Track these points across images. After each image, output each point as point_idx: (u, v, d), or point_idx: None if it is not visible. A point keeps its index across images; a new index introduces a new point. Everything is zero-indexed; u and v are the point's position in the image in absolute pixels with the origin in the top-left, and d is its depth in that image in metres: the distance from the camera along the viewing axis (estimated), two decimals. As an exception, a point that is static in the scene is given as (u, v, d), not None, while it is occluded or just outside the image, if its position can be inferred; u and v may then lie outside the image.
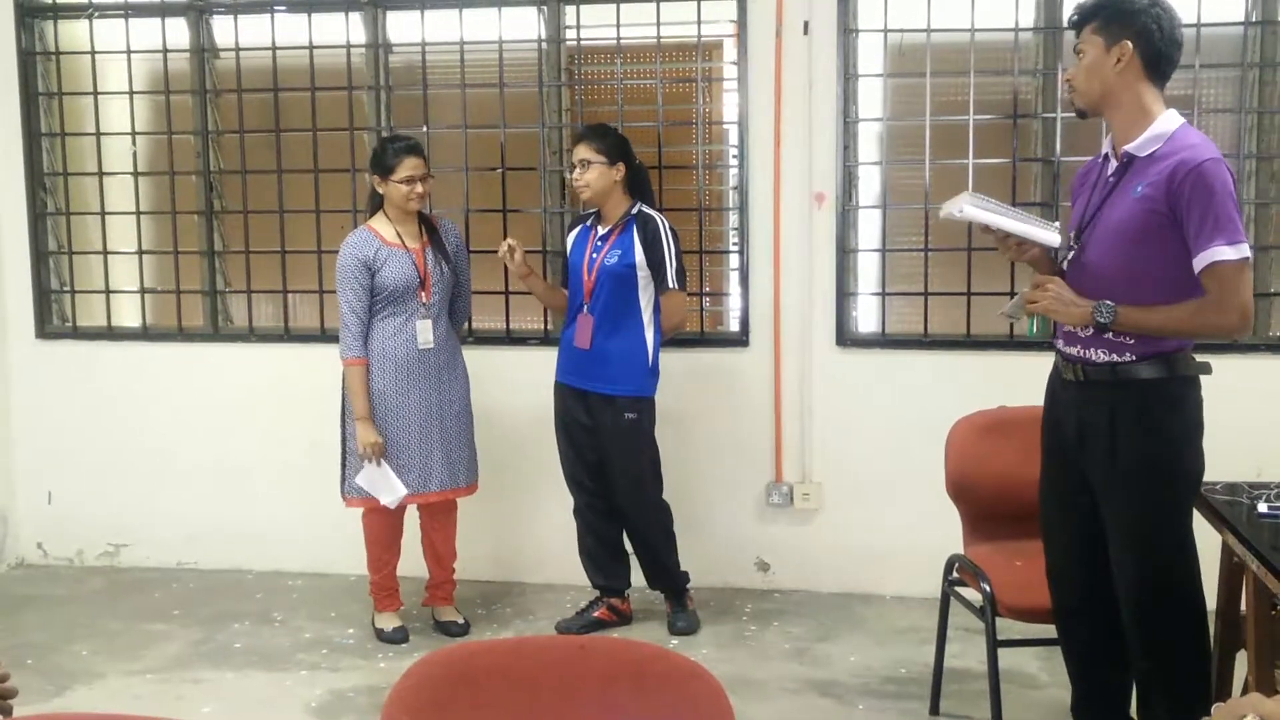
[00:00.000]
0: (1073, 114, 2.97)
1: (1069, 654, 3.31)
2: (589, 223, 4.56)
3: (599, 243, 4.47)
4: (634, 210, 4.46)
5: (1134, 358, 2.94)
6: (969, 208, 3.00)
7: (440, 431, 4.47)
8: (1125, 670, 3.21)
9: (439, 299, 4.47)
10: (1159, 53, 2.93)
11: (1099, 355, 2.98)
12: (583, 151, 4.43)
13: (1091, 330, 2.97)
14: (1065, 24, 3.01)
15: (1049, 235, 3.02)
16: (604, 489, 4.58)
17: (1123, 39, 2.90)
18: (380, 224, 4.45)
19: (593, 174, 4.41)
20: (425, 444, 4.44)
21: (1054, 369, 3.19)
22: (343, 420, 4.49)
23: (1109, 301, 2.90)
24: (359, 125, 5.17)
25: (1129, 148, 2.95)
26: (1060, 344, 3.10)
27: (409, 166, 4.37)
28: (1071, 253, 3.04)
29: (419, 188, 4.39)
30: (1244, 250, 2.83)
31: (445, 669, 2.07)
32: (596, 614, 4.65)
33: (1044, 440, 3.24)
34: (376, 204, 4.50)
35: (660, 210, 4.60)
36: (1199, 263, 2.84)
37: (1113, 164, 3.03)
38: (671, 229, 4.46)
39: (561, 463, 4.64)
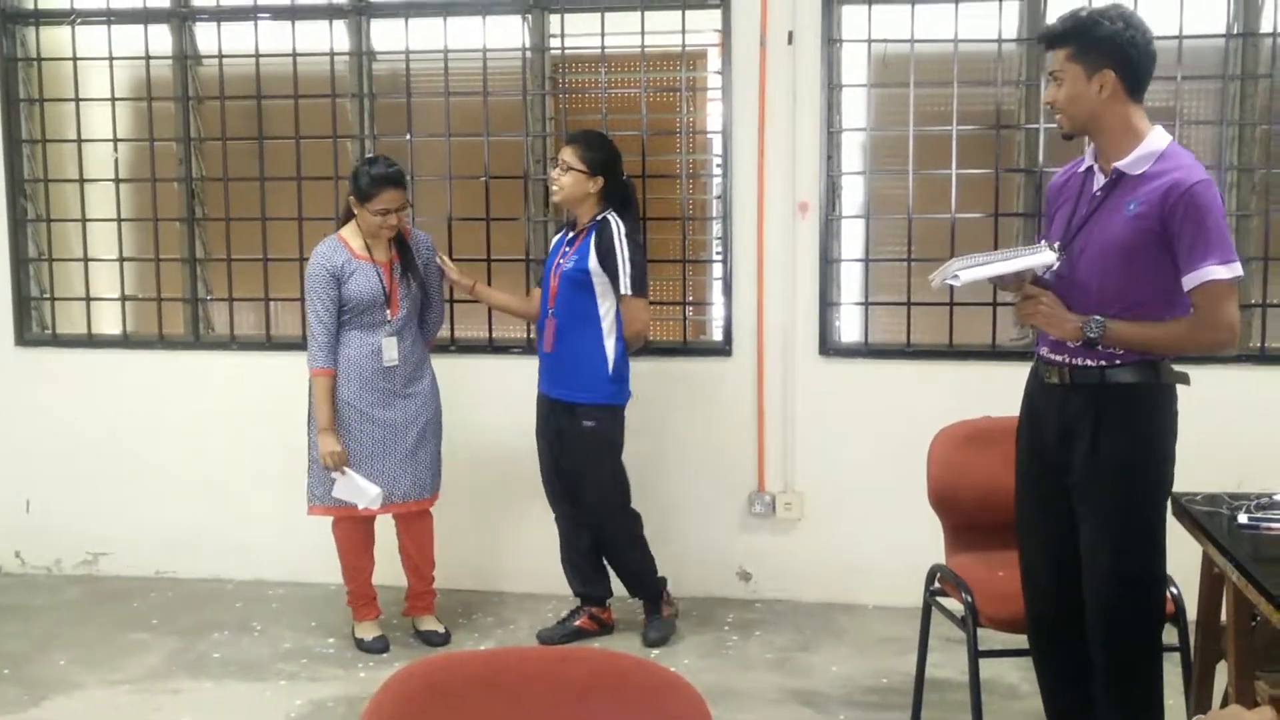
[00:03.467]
0: (1055, 125, 2.99)
1: (1042, 669, 3.31)
2: (567, 229, 4.55)
3: (566, 248, 4.47)
4: (599, 216, 4.43)
5: (1121, 363, 2.98)
6: (963, 274, 2.98)
7: (404, 445, 4.44)
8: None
9: (405, 314, 4.45)
10: (1139, 73, 2.97)
11: (1088, 361, 3.01)
12: (566, 154, 4.41)
13: (1080, 339, 2.99)
14: (1037, 39, 3.02)
15: (1043, 257, 3.01)
16: (575, 500, 4.57)
17: (1103, 68, 2.93)
18: (350, 234, 4.42)
19: (568, 179, 4.40)
20: (388, 457, 4.42)
21: (1033, 373, 3.21)
22: (309, 428, 4.48)
23: (1098, 317, 2.93)
24: (342, 133, 5.16)
25: (1120, 164, 2.97)
26: (1044, 350, 3.11)
27: (385, 200, 4.31)
28: (1057, 265, 3.04)
29: (392, 219, 4.35)
30: (1236, 269, 2.89)
31: (424, 680, 2.06)
32: (578, 623, 4.63)
33: (1020, 444, 3.25)
34: (349, 213, 4.47)
35: (641, 221, 4.57)
36: (1191, 281, 2.89)
37: (1099, 179, 3.04)
38: (628, 235, 4.38)
39: (540, 471, 4.63)
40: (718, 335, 5.07)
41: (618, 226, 4.39)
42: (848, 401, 4.91)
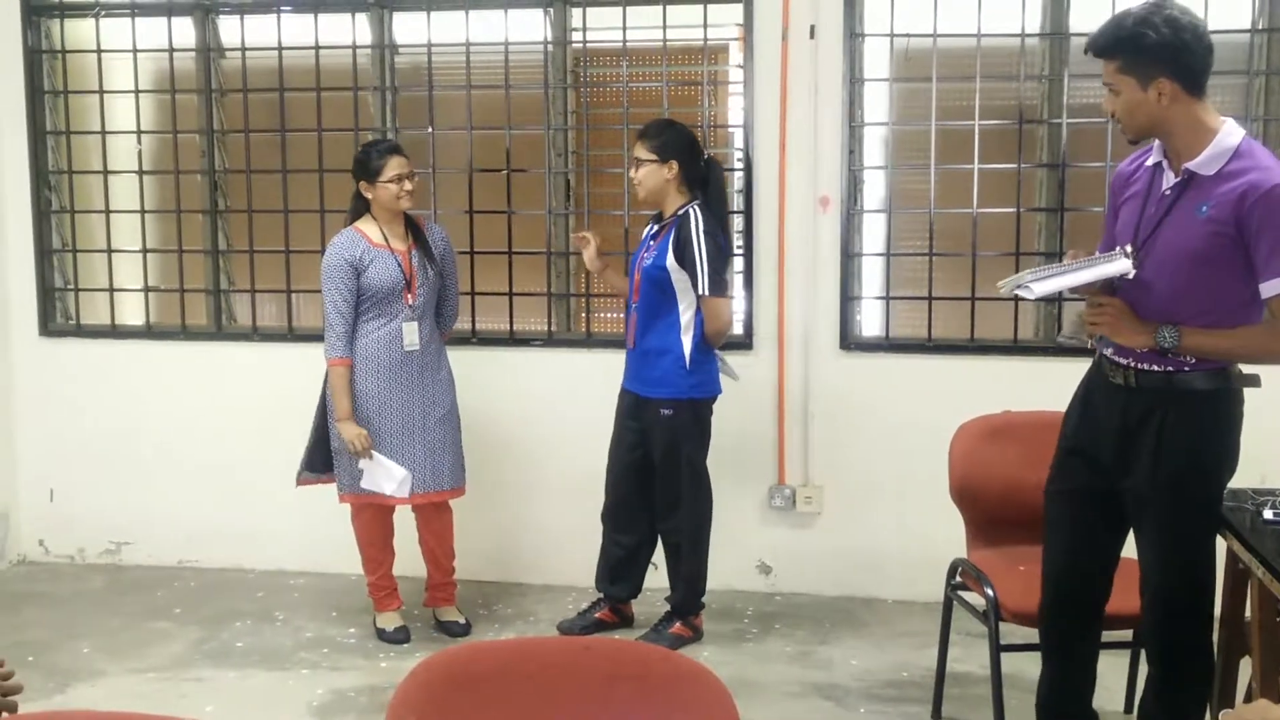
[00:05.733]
0: (1079, 120, 2.95)
1: (1050, 661, 3.30)
2: (654, 222, 4.50)
3: (650, 242, 4.41)
4: (681, 210, 4.36)
5: (1190, 370, 2.91)
6: (1036, 285, 2.89)
7: (422, 434, 4.45)
8: (1093, 674, 3.29)
9: (424, 300, 4.46)
10: (1197, 72, 2.85)
11: (1154, 366, 2.93)
12: (637, 150, 4.38)
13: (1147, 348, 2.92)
14: (1075, 34, 2.93)
15: (1118, 266, 2.89)
16: (643, 499, 4.51)
17: (1157, 77, 2.81)
18: (367, 226, 4.44)
19: (643, 172, 4.34)
20: (407, 446, 4.42)
21: (1095, 369, 3.12)
22: (319, 412, 4.49)
23: (1171, 326, 2.85)
24: (364, 126, 5.17)
25: (1191, 165, 2.85)
26: (1109, 351, 3.03)
27: (395, 166, 4.37)
28: (1132, 274, 2.93)
29: (407, 185, 4.39)
30: None
31: (450, 669, 2.07)
32: (599, 615, 4.63)
33: (1065, 435, 3.18)
34: (359, 209, 4.48)
35: (729, 211, 4.42)
36: (1271, 288, 2.79)
37: (1170, 177, 2.92)
38: (707, 232, 4.27)
39: (608, 467, 4.57)
40: (739, 329, 5.04)
41: (697, 223, 4.28)
42: (868, 396, 4.91)
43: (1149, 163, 3.01)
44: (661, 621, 4.56)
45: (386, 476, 4.37)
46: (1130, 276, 2.91)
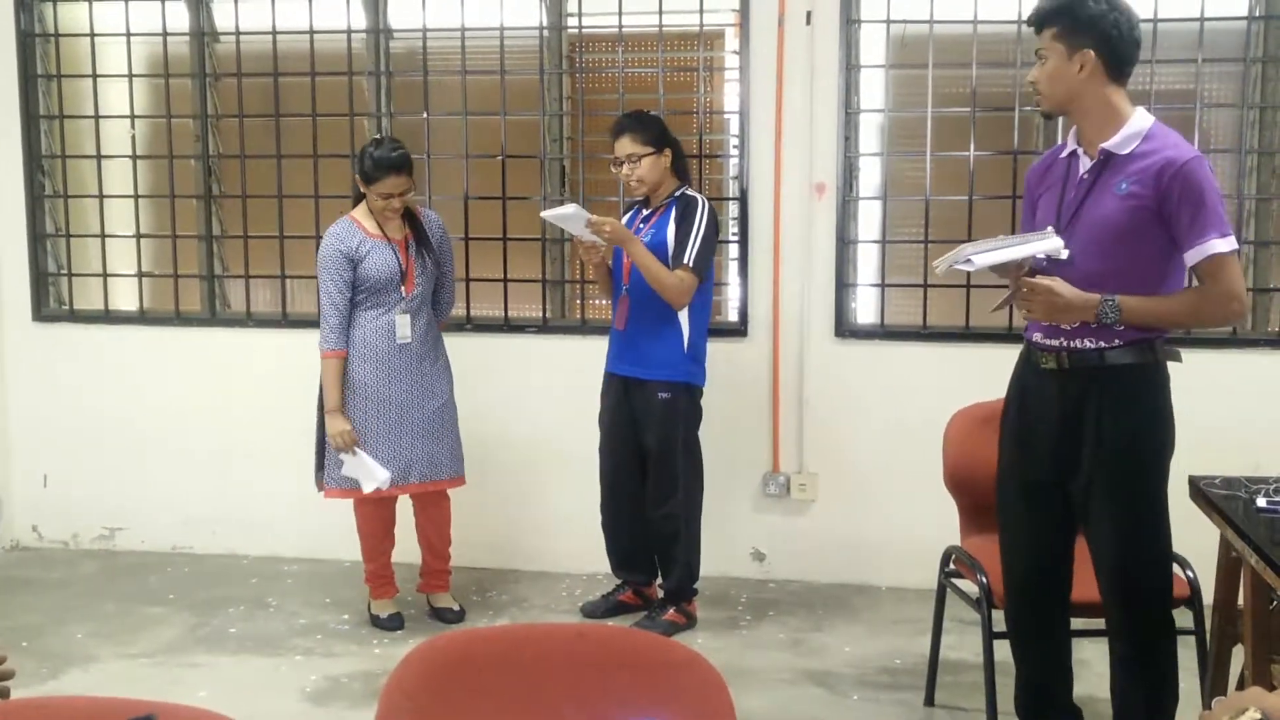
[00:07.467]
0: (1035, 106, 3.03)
1: (1021, 656, 3.32)
2: (639, 206, 4.49)
3: (641, 224, 4.39)
4: (678, 191, 4.37)
5: (1121, 343, 2.97)
6: (977, 258, 2.93)
7: (420, 424, 4.43)
8: (1068, 667, 3.30)
9: (420, 292, 4.44)
10: (1121, 56, 2.97)
11: (1086, 343, 2.99)
12: (629, 146, 4.31)
13: (1079, 321, 2.97)
14: (1026, 23, 3.03)
15: (1053, 242, 2.97)
16: (643, 487, 4.48)
17: (1084, 47, 2.95)
18: (363, 215, 4.41)
19: (645, 168, 4.31)
20: (404, 436, 4.41)
21: (1023, 361, 3.19)
22: (320, 410, 4.47)
23: (1112, 298, 2.91)
24: (359, 111, 5.16)
25: (1107, 145, 2.97)
26: (1038, 335, 3.09)
27: (388, 185, 4.29)
28: (1065, 253, 2.99)
29: (395, 203, 4.33)
30: (1233, 242, 2.93)
31: (444, 655, 2.07)
32: (621, 597, 4.64)
33: (1006, 432, 3.23)
34: (360, 194, 4.45)
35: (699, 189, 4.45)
36: (1195, 255, 2.91)
37: (1085, 161, 3.03)
38: (713, 214, 4.32)
39: (601, 455, 4.56)
40: (733, 316, 5.06)
41: (704, 204, 4.32)
42: (863, 383, 4.91)
43: (1063, 154, 3.12)
44: (655, 608, 4.56)
45: (369, 475, 4.35)
46: (1063, 255, 2.97)
